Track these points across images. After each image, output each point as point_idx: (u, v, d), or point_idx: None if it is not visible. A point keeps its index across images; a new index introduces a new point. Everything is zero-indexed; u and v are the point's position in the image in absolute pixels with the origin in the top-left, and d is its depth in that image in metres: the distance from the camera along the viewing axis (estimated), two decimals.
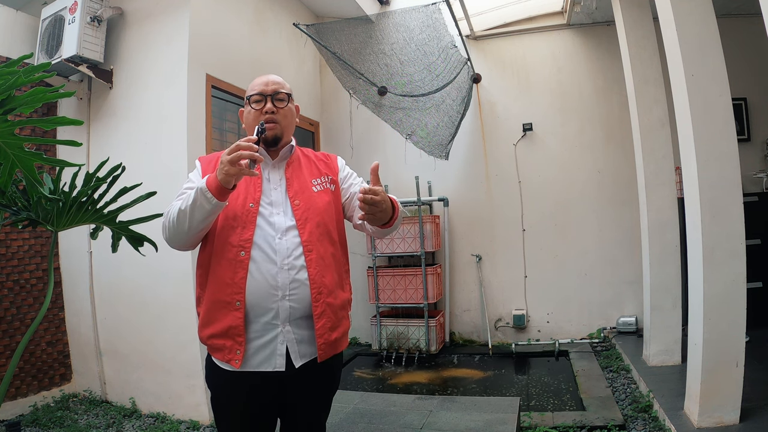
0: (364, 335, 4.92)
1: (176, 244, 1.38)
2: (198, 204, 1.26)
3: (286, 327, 1.33)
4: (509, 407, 2.72)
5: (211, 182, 1.25)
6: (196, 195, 1.26)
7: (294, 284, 1.33)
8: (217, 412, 1.43)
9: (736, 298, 2.34)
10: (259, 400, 1.37)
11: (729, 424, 2.35)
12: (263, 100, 1.45)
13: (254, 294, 1.31)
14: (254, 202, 1.38)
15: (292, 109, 1.52)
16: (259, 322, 1.33)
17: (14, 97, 1.60)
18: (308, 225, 1.38)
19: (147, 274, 3.19)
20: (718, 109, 2.35)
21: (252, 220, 1.36)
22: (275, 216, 1.38)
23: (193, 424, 3.03)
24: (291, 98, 1.51)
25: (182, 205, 1.29)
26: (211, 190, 1.24)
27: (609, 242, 4.49)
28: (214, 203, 1.26)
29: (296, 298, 1.33)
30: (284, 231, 1.36)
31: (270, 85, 1.46)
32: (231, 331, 1.32)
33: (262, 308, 1.32)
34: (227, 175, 1.22)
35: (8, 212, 2.01)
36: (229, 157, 1.21)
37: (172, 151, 3.15)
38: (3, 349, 3.19)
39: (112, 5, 3.36)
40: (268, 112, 1.44)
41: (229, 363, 1.32)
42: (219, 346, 1.34)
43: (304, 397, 1.41)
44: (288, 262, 1.34)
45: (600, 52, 4.58)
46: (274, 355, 1.32)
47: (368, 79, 3.97)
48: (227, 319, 1.32)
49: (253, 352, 1.32)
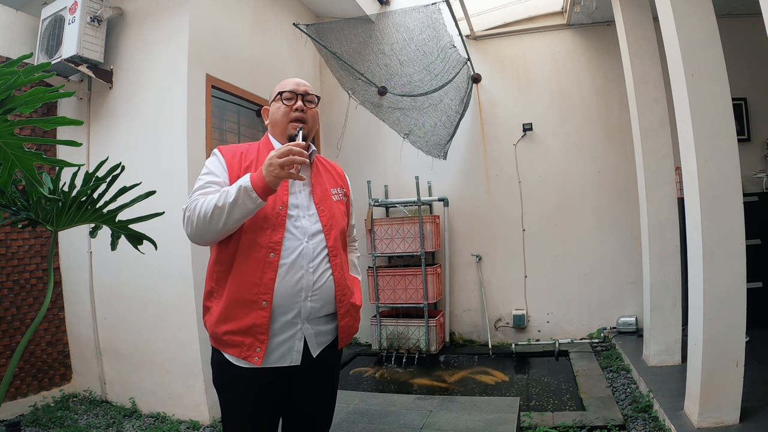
0: (364, 335, 4.92)
1: (202, 239, 1.37)
2: (240, 202, 1.27)
3: (305, 325, 1.38)
4: (509, 407, 2.72)
5: (257, 182, 1.27)
6: (239, 193, 1.27)
7: (316, 286, 1.38)
8: (227, 409, 1.43)
9: (736, 298, 2.34)
10: (269, 397, 1.40)
11: (729, 424, 2.34)
12: (295, 98, 1.49)
13: (281, 295, 1.34)
14: (283, 205, 1.40)
15: (318, 113, 1.57)
16: (280, 321, 1.36)
17: (14, 97, 1.60)
18: (333, 231, 1.45)
19: (147, 274, 3.19)
20: (718, 109, 2.35)
21: (281, 223, 1.38)
22: (301, 219, 1.42)
23: (193, 424, 3.03)
24: (318, 103, 1.56)
25: (219, 201, 1.29)
26: (257, 191, 1.26)
27: (609, 242, 4.49)
28: (259, 203, 1.28)
29: (318, 299, 1.39)
30: (311, 235, 1.41)
31: (301, 86, 1.51)
32: (253, 329, 1.33)
33: (285, 308, 1.36)
34: (277, 177, 1.26)
35: (8, 212, 2.01)
36: (281, 161, 1.24)
37: (172, 151, 3.15)
38: (3, 349, 3.19)
39: (112, 5, 3.36)
40: (298, 109, 1.47)
41: (247, 360, 1.34)
42: (237, 342, 1.34)
43: (309, 392, 1.45)
44: (313, 266, 1.38)
45: (600, 52, 4.58)
46: (292, 351, 1.37)
47: (368, 79, 3.97)
48: (250, 317, 1.33)
49: (272, 348, 1.35)
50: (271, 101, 1.55)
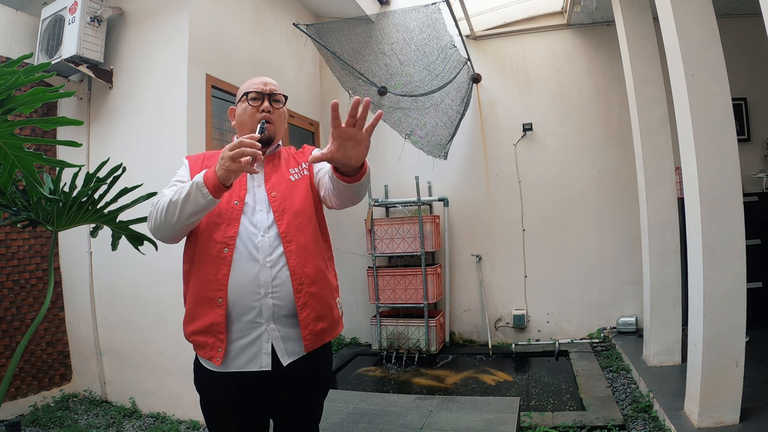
0: (364, 335, 4.92)
1: (161, 234, 1.37)
2: (192, 198, 1.24)
3: (270, 325, 1.31)
4: (509, 407, 2.72)
5: (209, 178, 1.23)
6: (191, 188, 1.24)
7: (276, 281, 1.31)
8: (206, 412, 1.42)
9: (736, 298, 2.34)
10: (247, 401, 1.36)
11: (729, 424, 2.34)
12: (261, 99, 1.45)
13: (236, 291, 1.30)
14: (239, 200, 1.38)
15: (286, 113, 1.53)
16: (242, 321, 1.31)
17: (14, 97, 1.60)
18: (286, 216, 1.37)
19: (147, 274, 3.19)
20: (718, 109, 2.35)
21: (236, 218, 1.35)
22: (258, 214, 1.37)
23: (193, 424, 3.03)
24: (286, 102, 1.52)
25: (174, 196, 1.28)
26: (207, 186, 1.23)
27: (609, 242, 4.49)
28: (209, 199, 1.24)
29: (279, 296, 1.31)
30: (266, 228, 1.35)
31: (268, 85, 1.47)
32: (213, 328, 1.31)
33: (245, 306, 1.31)
34: (228, 171, 1.20)
35: (8, 212, 2.01)
36: (231, 153, 1.19)
37: (172, 151, 3.14)
38: (3, 349, 3.19)
39: (112, 5, 3.36)
40: (265, 110, 1.44)
41: (210, 360, 1.32)
42: (201, 342, 1.34)
43: (293, 397, 1.39)
44: (270, 260, 1.32)
45: (600, 52, 4.58)
46: (260, 354, 1.31)
47: (368, 79, 3.97)
48: (209, 316, 1.31)
49: (237, 352, 1.31)
50: (237, 101, 1.50)
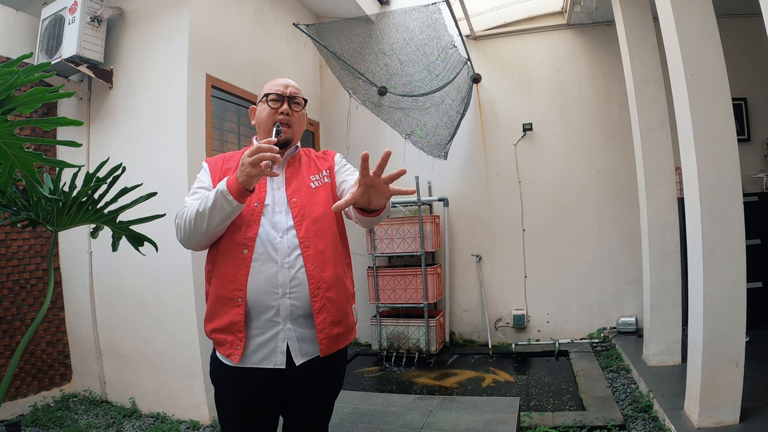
0: (364, 335, 4.91)
1: (192, 244, 1.41)
2: (218, 206, 1.29)
3: (287, 325, 1.35)
4: (509, 407, 2.72)
5: (232, 184, 1.27)
6: (216, 197, 1.28)
7: (294, 282, 1.35)
8: (220, 407, 1.45)
9: (736, 298, 2.34)
10: (261, 397, 1.39)
11: (729, 424, 2.35)
12: (281, 101, 1.48)
13: (255, 291, 1.34)
14: (259, 202, 1.41)
15: (305, 116, 1.56)
16: (260, 320, 1.35)
17: (14, 97, 1.60)
18: (305, 222, 1.40)
19: (147, 274, 3.19)
20: (718, 109, 2.35)
21: (256, 219, 1.38)
22: (277, 215, 1.41)
23: (193, 424, 3.03)
24: (305, 105, 1.54)
25: (200, 206, 1.31)
26: (231, 192, 1.27)
27: (609, 242, 4.49)
28: (235, 205, 1.29)
29: (297, 296, 1.35)
30: (285, 230, 1.39)
31: (289, 87, 1.50)
32: (232, 327, 1.35)
33: (263, 305, 1.34)
34: (249, 176, 1.25)
35: (8, 212, 2.01)
36: (250, 159, 1.23)
37: (173, 151, 3.15)
38: (3, 349, 3.19)
39: (112, 5, 3.36)
40: (284, 113, 1.46)
41: (229, 357, 1.36)
42: (221, 340, 1.38)
43: (306, 396, 1.42)
44: (288, 261, 1.36)
45: (600, 52, 4.58)
46: (275, 352, 1.35)
47: (368, 79, 3.97)
48: (229, 314, 1.35)
49: (254, 348, 1.35)
50: (258, 101, 1.53)
